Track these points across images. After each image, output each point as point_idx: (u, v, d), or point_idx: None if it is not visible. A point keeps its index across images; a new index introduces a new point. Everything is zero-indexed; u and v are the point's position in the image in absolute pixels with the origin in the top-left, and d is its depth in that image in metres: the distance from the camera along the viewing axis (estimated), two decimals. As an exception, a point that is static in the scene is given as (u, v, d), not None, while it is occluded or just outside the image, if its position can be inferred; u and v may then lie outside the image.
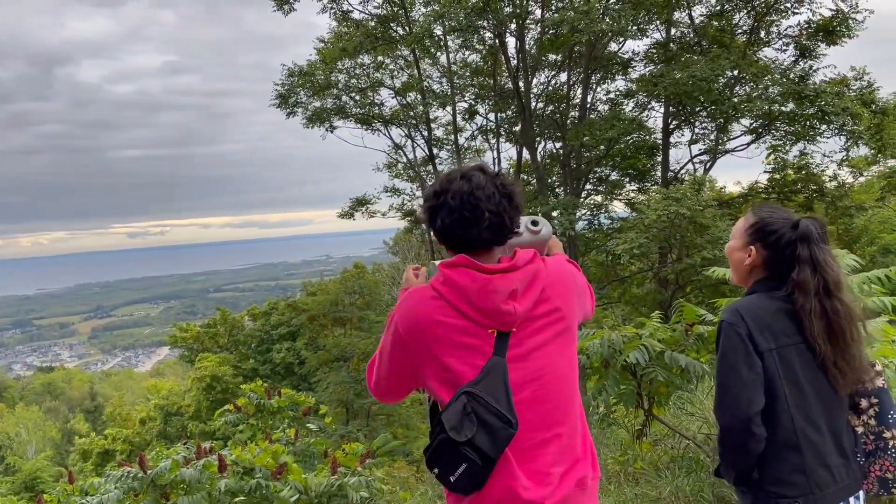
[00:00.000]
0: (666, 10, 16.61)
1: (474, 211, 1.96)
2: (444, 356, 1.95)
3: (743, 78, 16.28)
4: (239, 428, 9.87)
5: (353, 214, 23.12)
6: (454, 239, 2.02)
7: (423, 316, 1.98)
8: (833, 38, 15.86)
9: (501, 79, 21.18)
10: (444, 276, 1.98)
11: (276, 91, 20.15)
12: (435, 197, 2.03)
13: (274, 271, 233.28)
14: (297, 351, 35.92)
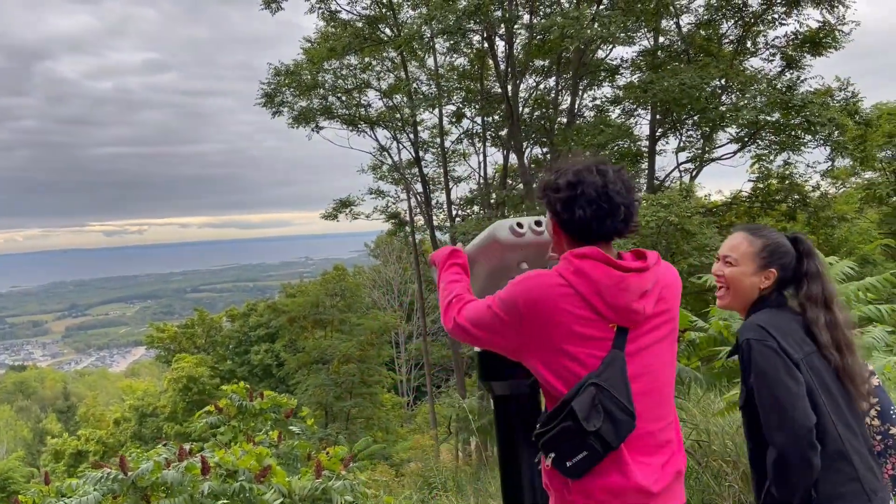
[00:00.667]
0: (655, 18, 16.69)
1: (611, 203, 2.01)
2: (562, 342, 1.99)
3: (730, 87, 16.40)
4: (220, 430, 9.70)
5: (336, 216, 22.99)
6: (587, 230, 2.04)
7: (547, 299, 2.00)
8: (819, 49, 16.03)
9: (488, 83, 21.17)
10: (575, 266, 2.00)
11: (262, 90, 20.04)
12: (570, 188, 2.04)
13: (252, 272, 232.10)
14: (275, 353, 35.67)
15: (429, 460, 15.38)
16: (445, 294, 2.27)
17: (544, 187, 2.15)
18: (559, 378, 2.02)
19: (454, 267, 2.37)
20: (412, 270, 45.28)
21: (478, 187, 22.02)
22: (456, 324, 2.17)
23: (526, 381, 2.35)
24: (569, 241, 2.10)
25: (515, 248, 2.37)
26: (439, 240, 22.64)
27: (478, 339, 2.17)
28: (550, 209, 2.11)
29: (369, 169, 23.70)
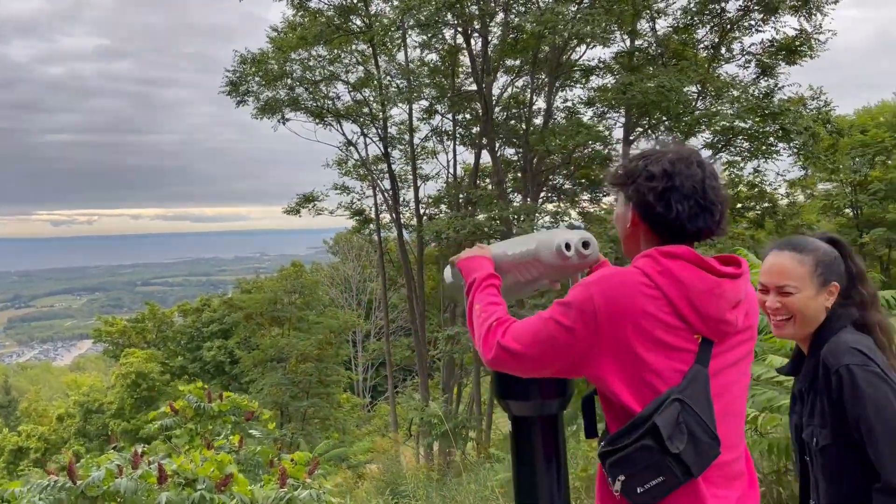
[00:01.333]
0: (632, 20, 16.60)
1: (707, 200, 1.83)
2: (642, 350, 1.77)
3: (706, 92, 16.41)
4: (175, 432, 9.18)
5: (299, 211, 22.45)
6: (680, 229, 1.84)
7: (630, 300, 1.77)
8: (794, 57, 16.10)
9: (459, 80, 20.89)
10: (663, 266, 1.79)
11: (226, 78, 19.38)
12: (667, 178, 1.82)
13: (205, 266, 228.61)
14: (229, 349, 35.19)
15: (391, 464, 14.99)
16: (484, 318, 1.97)
17: (630, 173, 1.90)
18: (633, 391, 1.78)
19: (491, 288, 2.08)
20: (372, 269, 45.14)
21: (446, 186, 21.70)
22: (500, 347, 1.87)
23: (553, 401, 2.10)
24: (652, 239, 1.89)
25: (555, 270, 2.15)
26: (407, 240, 22.32)
27: (530, 359, 1.87)
28: (638, 199, 1.87)
29: (334, 164, 23.18)
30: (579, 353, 1.82)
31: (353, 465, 22.76)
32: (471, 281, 2.11)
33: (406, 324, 37.17)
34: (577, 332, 1.80)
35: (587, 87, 19.26)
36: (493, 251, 2.23)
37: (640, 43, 17.86)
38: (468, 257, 2.20)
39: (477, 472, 11.56)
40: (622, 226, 1.96)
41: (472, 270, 2.15)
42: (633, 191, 1.88)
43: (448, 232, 16.10)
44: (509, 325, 1.91)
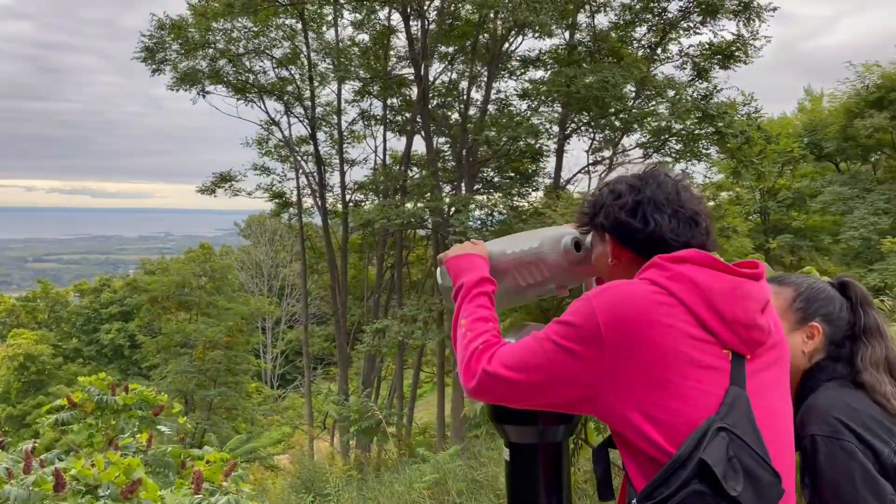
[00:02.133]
0: (574, 12, 16.48)
1: (688, 209, 1.62)
2: (666, 372, 1.44)
3: (644, 92, 16.50)
4: (73, 427, 8.26)
5: (214, 190, 21.37)
6: (661, 243, 1.60)
7: (642, 314, 1.47)
8: (729, 61, 16.35)
9: (390, 63, 20.27)
10: (673, 270, 1.52)
11: (141, 43, 18.03)
12: (634, 191, 1.64)
13: (106, 244, 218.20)
14: (129, 333, 33.65)
15: (306, 460, 14.36)
16: (470, 338, 1.66)
17: (596, 203, 1.71)
18: (659, 425, 1.44)
19: (481, 297, 1.77)
20: (286, 253, 44.08)
21: (374, 172, 21.07)
22: (485, 373, 1.58)
23: (557, 427, 1.82)
24: (638, 265, 1.62)
25: (562, 272, 1.88)
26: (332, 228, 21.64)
27: (521, 388, 1.57)
28: (611, 223, 1.66)
29: (254, 143, 22.13)
30: (584, 383, 1.51)
31: (260, 457, 21.94)
32: (458, 285, 1.81)
33: (320, 311, 36.40)
34: (581, 357, 1.50)
35: (522, 79, 19.09)
36: (489, 249, 1.93)
37: (577, 38, 17.79)
38: (459, 255, 1.89)
39: (401, 472, 11.14)
40: (604, 265, 1.74)
41: (462, 272, 1.84)
42: (603, 217, 1.68)
43: (380, 220, 15.54)
44: (498, 349, 1.61)
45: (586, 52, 17.36)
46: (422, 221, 16.76)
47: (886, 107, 20.82)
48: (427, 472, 9.50)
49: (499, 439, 9.88)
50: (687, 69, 17.07)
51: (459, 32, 18.11)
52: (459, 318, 1.74)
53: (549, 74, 17.79)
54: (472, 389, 1.60)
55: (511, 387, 1.56)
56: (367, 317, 20.82)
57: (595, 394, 1.50)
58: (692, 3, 15.63)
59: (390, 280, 21.22)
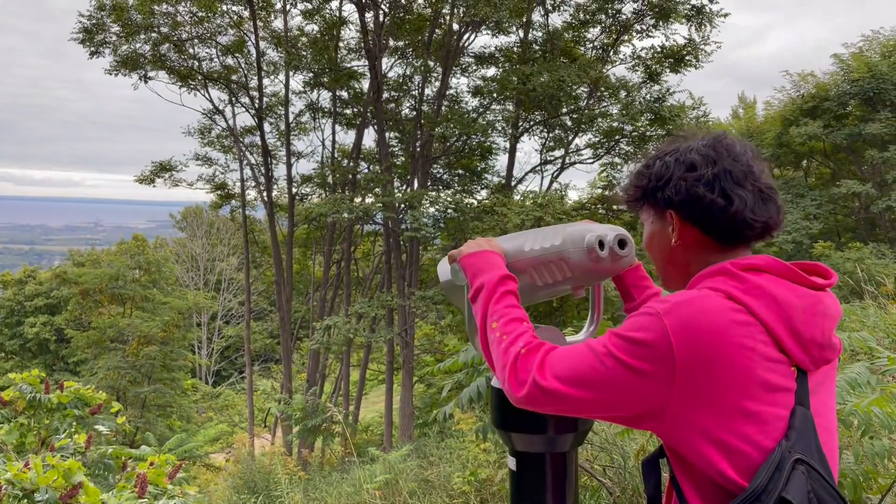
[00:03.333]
0: (528, 11, 16.52)
1: (765, 184, 1.50)
2: (740, 397, 1.32)
3: (596, 92, 16.67)
4: (3, 428, 7.78)
5: (153, 180, 20.60)
6: (742, 224, 1.46)
7: (720, 335, 1.32)
8: (680, 65, 16.64)
9: (340, 55, 19.93)
10: (750, 283, 1.39)
11: (80, 23, 17.21)
12: (711, 163, 1.47)
13: (30, 234, 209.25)
14: (55, 327, 32.28)
15: (247, 460, 13.96)
16: (508, 341, 1.52)
17: (658, 175, 1.53)
18: (726, 452, 1.33)
19: (509, 296, 1.64)
20: (223, 247, 43.14)
21: (322, 165, 20.70)
22: (537, 386, 1.43)
23: (566, 436, 1.74)
24: (709, 250, 1.51)
25: (583, 272, 1.76)
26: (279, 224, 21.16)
27: (578, 404, 1.43)
28: (682, 199, 1.49)
29: (196, 132, 21.46)
30: (648, 404, 1.38)
31: (197, 456, 21.34)
32: (478, 284, 1.68)
33: (258, 307, 35.74)
34: (648, 377, 1.36)
35: (474, 76, 19.05)
36: (504, 246, 1.81)
37: (531, 36, 17.86)
38: (474, 252, 1.76)
39: (348, 471, 10.96)
40: (660, 247, 1.58)
41: (481, 271, 1.70)
42: (671, 191, 1.50)
43: (331, 214, 15.23)
44: (546, 354, 1.46)
45: (540, 50, 17.41)
46: (372, 216, 16.54)
47: (819, 115, 21.60)
48: (378, 472, 9.35)
49: (448, 437, 9.79)
50: (639, 71, 17.30)
51: (413, 26, 17.93)
52: (489, 320, 1.60)
53: (501, 72, 17.79)
54: (521, 399, 1.45)
55: (566, 402, 1.42)
56: (313, 313, 20.45)
57: (659, 414, 1.38)
58: (646, 6, 15.83)
59: (336, 276, 20.90)
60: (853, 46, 22.08)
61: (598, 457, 5.90)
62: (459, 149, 18.67)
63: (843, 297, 11.99)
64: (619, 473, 5.28)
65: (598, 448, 6.04)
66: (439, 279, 1.95)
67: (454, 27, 17.06)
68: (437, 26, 17.39)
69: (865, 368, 3.86)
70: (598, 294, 1.95)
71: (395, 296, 15.53)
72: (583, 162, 18.18)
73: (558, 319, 12.94)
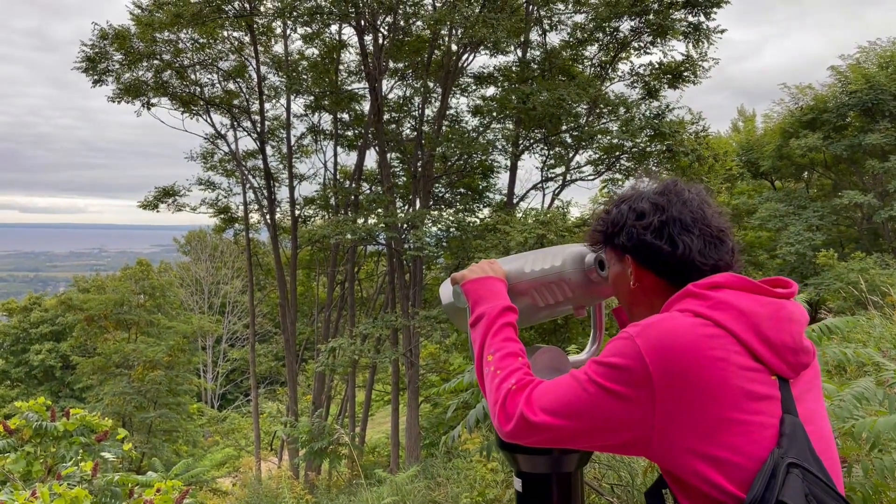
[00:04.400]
0: (525, 31, 16.65)
1: (715, 228, 1.55)
2: (725, 410, 1.35)
3: (595, 110, 16.74)
4: (9, 458, 7.75)
5: (157, 205, 20.71)
6: (690, 266, 1.52)
7: (692, 350, 1.36)
8: (678, 81, 16.75)
9: (340, 78, 20.11)
10: (712, 299, 1.44)
11: (83, 52, 17.39)
12: (658, 210, 1.55)
13: (34, 261, 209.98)
14: (61, 353, 32.22)
15: (255, 484, 13.89)
16: (501, 377, 1.56)
17: (614, 222, 1.62)
18: (720, 466, 1.35)
19: (507, 329, 1.67)
20: (227, 270, 43.18)
21: (324, 187, 20.81)
22: (523, 418, 1.47)
23: (571, 456, 1.75)
24: (665, 290, 1.55)
25: (584, 293, 1.79)
26: (283, 246, 21.21)
27: (564, 435, 1.47)
28: (633, 245, 1.57)
29: (199, 157, 21.61)
30: (634, 427, 1.41)
31: (204, 480, 21.23)
32: (479, 313, 1.71)
33: (262, 329, 35.71)
34: (630, 401, 1.40)
35: (474, 96, 19.19)
36: (506, 268, 1.84)
37: (530, 55, 17.99)
38: (476, 278, 1.79)
39: (356, 493, 10.89)
40: (623, 288, 1.64)
41: (482, 299, 1.74)
42: (624, 238, 1.58)
43: (335, 236, 15.30)
44: (532, 389, 1.50)
45: (538, 69, 17.53)
46: (375, 237, 16.59)
47: (819, 127, 21.62)
48: (385, 493, 9.30)
49: (456, 457, 9.74)
50: (637, 88, 17.41)
51: (412, 48, 18.10)
52: (485, 353, 1.64)
53: (500, 92, 17.91)
54: (509, 433, 1.49)
55: (553, 433, 1.45)
56: (318, 335, 20.44)
57: (646, 437, 1.40)
58: (643, 24, 15.96)
59: (340, 297, 20.91)
60: (850, 58, 22.14)
61: (606, 475, 5.86)
62: (461, 168, 18.77)
63: (847, 309, 11.97)
64: (627, 491, 5.24)
65: (605, 466, 6.00)
66: (441, 301, 1.97)
67: (453, 48, 17.19)
68: (435, 47, 17.54)
69: (871, 383, 3.86)
70: (599, 313, 1.96)
71: (400, 316, 15.53)
72: (584, 179, 18.24)
73: (563, 336, 12.91)
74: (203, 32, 18.70)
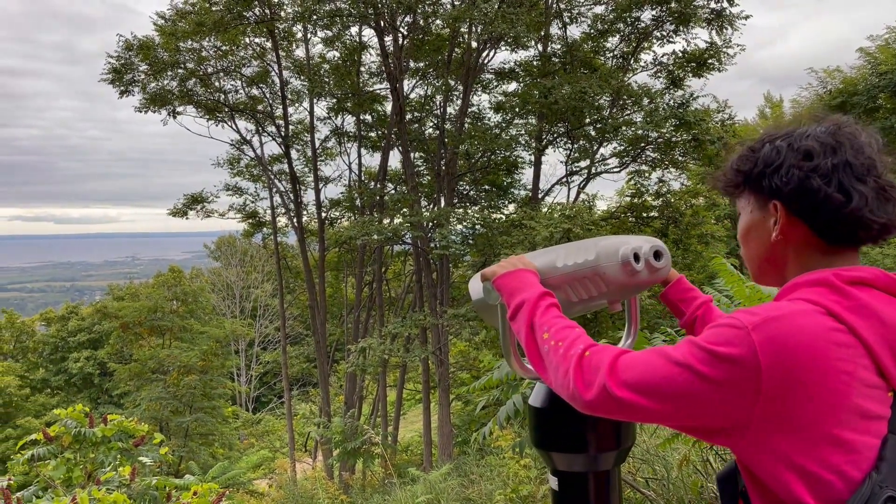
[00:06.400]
0: (546, 25, 16.58)
1: (888, 182, 1.32)
2: (831, 425, 1.20)
3: (619, 101, 16.62)
4: (49, 464, 7.91)
5: (186, 212, 21.01)
6: (859, 223, 1.30)
7: (816, 359, 1.18)
8: (702, 69, 16.52)
9: (362, 79, 20.21)
10: (854, 299, 1.25)
11: (109, 64, 17.72)
12: (831, 152, 1.31)
13: (70, 271, 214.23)
14: (98, 361, 32.78)
15: (291, 486, 14.04)
16: (566, 345, 1.39)
17: (767, 160, 1.37)
18: (808, 480, 1.20)
19: (553, 308, 1.52)
20: (257, 274, 43.63)
21: (348, 189, 20.96)
22: (607, 392, 1.29)
23: (609, 454, 1.69)
24: (813, 251, 1.36)
25: (618, 287, 1.70)
26: (311, 249, 21.38)
27: (650, 414, 1.29)
28: (792, 189, 1.33)
29: (225, 163, 21.89)
30: (728, 421, 1.26)
31: (240, 482, 21.50)
32: (518, 302, 1.57)
33: (293, 332, 36.01)
34: (729, 394, 1.24)
35: (495, 93, 19.15)
36: (536, 263, 1.74)
37: (550, 49, 17.90)
38: (508, 272, 1.67)
39: (390, 493, 10.93)
40: (757, 241, 1.43)
41: (518, 290, 1.61)
42: (780, 180, 1.34)
43: (361, 237, 15.40)
44: (615, 358, 1.32)
45: (560, 63, 17.43)
46: (401, 237, 16.64)
47: (848, 111, 21.17)
48: (419, 492, 9.32)
49: (488, 454, 9.73)
50: (661, 78, 17.19)
51: (432, 47, 18.12)
52: (538, 332, 1.49)
53: (521, 87, 17.83)
54: (590, 402, 1.32)
55: (638, 412, 1.30)
56: (348, 335, 20.59)
57: (737, 432, 1.27)
58: (665, 13, 15.75)
59: (369, 297, 21.04)
60: (879, 38, 21.64)
61: (641, 469, 5.80)
62: (484, 165, 18.75)
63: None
64: (663, 485, 5.18)
65: (639, 460, 5.94)
66: (471, 297, 1.91)
67: (473, 45, 17.18)
68: (455, 45, 17.54)
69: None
70: (634, 307, 1.91)
71: (428, 314, 15.56)
72: (609, 171, 18.08)
73: (593, 331, 12.81)
74: (225, 39, 18.89)
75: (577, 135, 17.48)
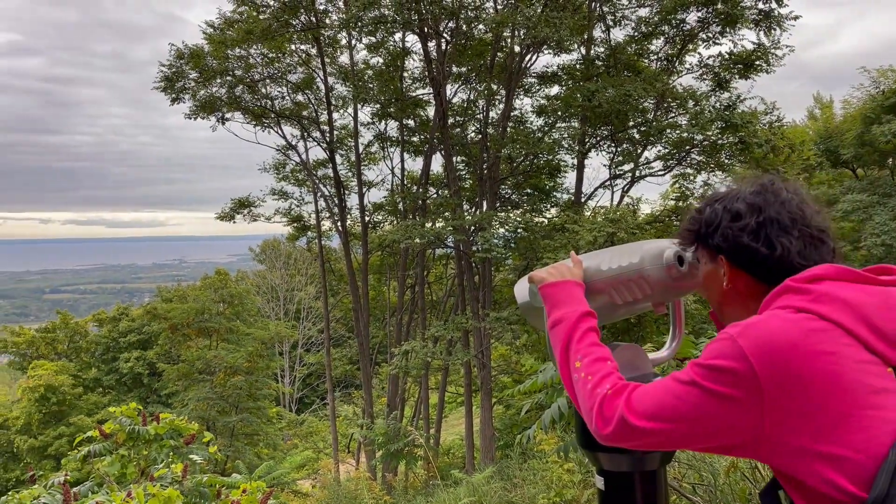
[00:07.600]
0: (588, 28, 16.50)
1: (815, 227, 1.51)
2: (842, 402, 1.28)
3: (664, 104, 16.43)
4: (104, 461, 8.16)
5: (233, 217, 21.45)
6: (788, 267, 1.46)
7: (797, 346, 1.30)
8: (749, 70, 16.24)
9: (406, 85, 20.38)
10: (814, 292, 1.38)
11: (161, 73, 18.27)
12: (755, 212, 1.50)
13: (121, 273, 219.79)
14: (148, 361, 33.51)
15: (335, 486, 14.19)
16: (594, 382, 1.51)
17: (708, 222, 1.56)
18: (839, 464, 1.27)
19: (591, 334, 1.63)
20: (301, 277, 44.20)
21: (391, 193, 21.15)
22: (623, 422, 1.42)
23: (654, 454, 1.73)
24: (761, 291, 1.49)
25: (663, 289, 1.75)
26: (354, 252, 21.62)
27: (666, 438, 1.41)
28: (729, 247, 1.52)
29: (271, 168, 22.29)
30: (742, 430, 1.35)
31: (285, 482, 21.79)
32: (557, 317, 1.67)
33: (336, 334, 36.38)
34: (736, 403, 1.33)
35: (537, 96, 19.11)
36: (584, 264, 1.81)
37: (594, 52, 17.79)
38: (554, 282, 1.75)
39: (432, 495, 10.99)
40: (715, 288, 1.60)
41: (560, 303, 1.70)
42: (719, 239, 1.53)
43: (404, 240, 15.56)
44: (630, 393, 1.45)
45: (603, 66, 17.31)
46: (444, 240, 16.73)
47: (904, 110, 20.54)
48: (462, 494, 9.36)
49: (531, 458, 9.72)
50: (707, 80, 16.94)
51: (475, 51, 18.19)
52: (571, 359, 1.60)
53: (564, 90, 17.76)
54: (608, 436, 1.45)
55: (654, 437, 1.40)
56: (390, 338, 20.77)
57: (755, 439, 1.34)
58: (711, 14, 15.53)
59: (411, 300, 21.18)
60: (936, 36, 20.96)
61: (687, 474, 5.76)
62: (526, 168, 18.72)
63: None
64: (710, 491, 5.13)
65: (685, 466, 5.89)
66: (516, 300, 1.95)
67: (515, 49, 17.19)
68: (498, 50, 17.56)
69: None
70: (678, 309, 1.93)
71: (470, 318, 15.60)
72: (654, 174, 17.85)
73: (637, 335, 12.71)
74: (272, 47, 19.27)
75: (621, 138, 17.31)
